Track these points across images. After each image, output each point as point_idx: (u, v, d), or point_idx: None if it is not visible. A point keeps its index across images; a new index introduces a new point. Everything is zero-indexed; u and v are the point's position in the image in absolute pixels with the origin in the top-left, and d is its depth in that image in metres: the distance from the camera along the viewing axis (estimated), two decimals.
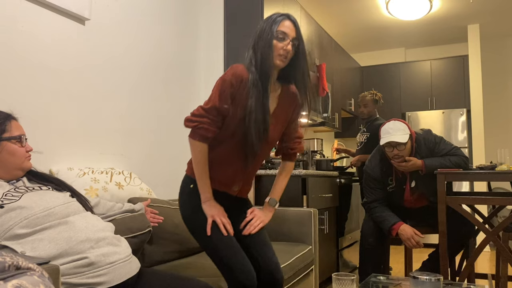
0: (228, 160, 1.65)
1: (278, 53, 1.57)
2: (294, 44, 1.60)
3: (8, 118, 1.45)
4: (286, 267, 2.03)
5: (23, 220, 1.27)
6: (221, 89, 1.57)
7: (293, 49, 1.59)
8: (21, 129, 1.47)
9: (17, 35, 1.89)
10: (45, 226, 1.28)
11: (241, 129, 1.59)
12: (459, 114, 5.37)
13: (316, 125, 4.46)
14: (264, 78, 1.58)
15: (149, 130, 2.70)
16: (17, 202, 1.31)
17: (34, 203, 1.32)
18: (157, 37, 2.80)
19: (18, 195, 1.35)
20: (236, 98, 1.58)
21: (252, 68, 1.58)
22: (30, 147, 1.47)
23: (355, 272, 3.79)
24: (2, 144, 1.39)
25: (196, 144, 1.59)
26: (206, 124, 1.57)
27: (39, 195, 1.37)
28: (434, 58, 5.80)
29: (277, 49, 1.57)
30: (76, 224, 1.32)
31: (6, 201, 1.30)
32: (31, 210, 1.30)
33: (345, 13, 4.99)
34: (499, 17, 5.14)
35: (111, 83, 2.41)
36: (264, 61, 1.56)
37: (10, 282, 0.72)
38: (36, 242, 1.25)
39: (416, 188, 2.69)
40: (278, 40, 1.57)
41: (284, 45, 1.57)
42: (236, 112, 1.58)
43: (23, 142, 1.44)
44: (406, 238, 2.54)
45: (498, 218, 4.64)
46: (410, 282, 1.52)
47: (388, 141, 2.54)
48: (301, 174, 2.81)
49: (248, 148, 1.61)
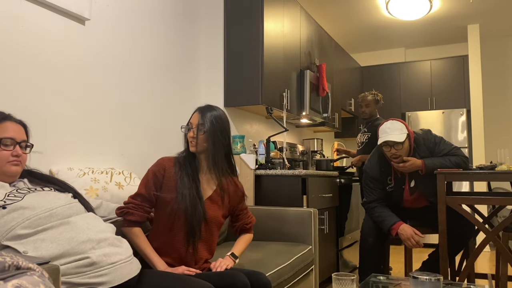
0: (172, 246, 1.68)
1: (190, 142, 1.74)
2: (200, 129, 1.72)
3: (4, 119, 1.42)
4: (286, 267, 2.03)
5: (25, 221, 1.26)
6: (146, 179, 1.72)
7: (199, 135, 1.72)
8: (13, 132, 1.41)
9: (17, 35, 1.89)
10: (47, 227, 1.28)
11: (178, 213, 1.66)
12: (459, 114, 5.37)
13: (316, 125, 4.46)
14: (191, 161, 1.75)
15: (149, 130, 2.70)
16: (19, 202, 1.30)
17: (36, 203, 1.32)
18: (157, 37, 2.80)
19: (20, 196, 1.34)
20: (164, 185, 1.70)
21: (182, 154, 1.78)
22: (18, 151, 1.40)
23: (355, 272, 3.79)
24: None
25: (127, 230, 1.66)
26: (131, 208, 1.67)
27: (41, 196, 1.36)
28: (434, 58, 5.80)
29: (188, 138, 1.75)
30: (78, 224, 1.32)
31: (8, 202, 1.30)
32: (33, 210, 1.29)
33: (345, 13, 4.99)
34: (499, 17, 5.14)
35: (111, 83, 2.41)
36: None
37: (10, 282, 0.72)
38: (38, 242, 1.24)
39: (415, 188, 2.69)
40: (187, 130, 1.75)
41: (190, 134, 1.73)
42: (169, 196, 1.68)
43: (7, 145, 1.38)
44: (406, 237, 2.54)
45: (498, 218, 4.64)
46: (410, 282, 1.52)
47: (385, 140, 2.55)
48: (301, 174, 2.81)
49: (188, 230, 1.67)
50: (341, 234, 3.51)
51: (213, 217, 1.74)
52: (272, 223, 2.55)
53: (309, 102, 3.86)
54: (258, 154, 3.21)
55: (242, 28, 3.27)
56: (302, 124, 4.46)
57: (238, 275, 1.51)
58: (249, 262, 1.95)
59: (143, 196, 1.69)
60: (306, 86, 3.84)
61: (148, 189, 1.70)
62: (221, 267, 1.66)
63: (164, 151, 2.82)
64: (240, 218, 1.90)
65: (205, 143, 1.71)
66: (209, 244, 1.75)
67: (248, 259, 2.01)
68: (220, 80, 3.30)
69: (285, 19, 3.60)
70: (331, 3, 4.71)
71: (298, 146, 4.29)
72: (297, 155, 4.16)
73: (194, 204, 1.66)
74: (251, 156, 2.94)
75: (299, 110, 3.87)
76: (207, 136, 1.71)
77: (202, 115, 1.73)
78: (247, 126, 3.63)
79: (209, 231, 1.74)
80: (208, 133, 1.70)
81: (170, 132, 2.89)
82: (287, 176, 2.85)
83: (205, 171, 1.77)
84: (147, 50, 2.71)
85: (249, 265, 1.91)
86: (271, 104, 3.28)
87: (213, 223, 1.75)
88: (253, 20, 3.25)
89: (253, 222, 1.93)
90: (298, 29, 3.87)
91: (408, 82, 5.80)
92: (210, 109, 1.75)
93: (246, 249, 2.04)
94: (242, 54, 3.26)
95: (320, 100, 4.12)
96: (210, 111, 1.74)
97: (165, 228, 1.68)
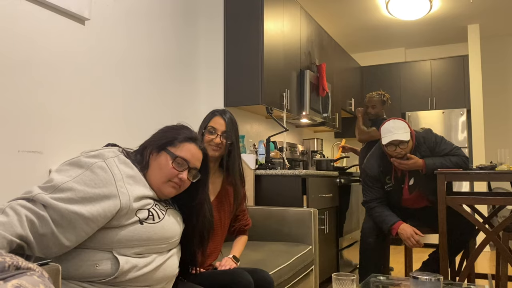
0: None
1: (209, 144, 1.72)
2: (227, 137, 1.73)
3: (190, 140, 1.34)
4: (286, 267, 2.03)
5: (141, 247, 1.18)
6: None
7: (224, 142, 1.73)
8: (191, 156, 1.32)
9: (17, 35, 1.89)
10: (153, 258, 1.21)
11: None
12: (459, 114, 5.37)
13: (316, 125, 4.45)
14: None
15: (149, 130, 2.69)
16: (157, 225, 1.21)
17: (167, 232, 1.24)
18: (157, 37, 2.80)
19: (163, 212, 1.25)
20: None
21: None
22: (184, 176, 1.29)
23: (355, 272, 3.79)
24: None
25: None
26: None
27: (175, 221, 1.29)
28: (434, 58, 5.80)
29: (206, 141, 1.73)
30: (168, 265, 1.26)
31: (149, 220, 1.20)
32: (159, 239, 1.21)
33: (345, 13, 4.99)
34: (499, 17, 5.13)
35: (111, 83, 2.41)
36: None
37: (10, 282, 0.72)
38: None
39: (415, 186, 2.69)
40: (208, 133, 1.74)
41: (213, 138, 1.73)
42: None
43: (178, 164, 1.29)
44: (405, 237, 2.54)
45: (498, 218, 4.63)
46: (410, 282, 1.52)
47: (390, 140, 2.53)
48: (301, 174, 2.81)
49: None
50: (341, 234, 3.51)
51: (218, 220, 1.75)
52: (272, 223, 2.55)
53: (309, 102, 3.86)
54: (258, 154, 3.21)
55: (242, 28, 3.27)
56: (302, 124, 4.46)
57: (241, 273, 1.52)
58: (250, 262, 1.95)
59: None
60: (306, 86, 3.84)
61: None
62: (226, 266, 1.67)
63: None
64: (239, 219, 1.90)
65: (224, 150, 1.74)
66: (215, 247, 1.76)
67: (248, 259, 2.01)
68: (220, 80, 3.30)
69: (285, 19, 3.60)
70: (331, 3, 4.71)
71: (298, 146, 4.29)
72: (297, 155, 4.16)
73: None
74: (251, 156, 2.94)
75: (299, 110, 3.87)
76: (230, 145, 1.74)
77: (227, 122, 1.75)
78: (247, 126, 3.63)
79: (214, 234, 1.74)
80: (234, 144, 1.75)
81: None
82: (287, 176, 2.85)
83: (211, 173, 1.77)
84: (147, 50, 2.71)
85: (249, 265, 1.91)
86: (271, 104, 3.28)
87: (218, 226, 1.75)
88: (253, 20, 3.24)
89: (250, 225, 1.93)
90: (298, 29, 3.86)
91: (408, 82, 5.80)
92: (230, 116, 1.78)
93: (246, 249, 2.04)
94: (242, 54, 3.26)
95: (320, 100, 4.12)
96: (231, 118, 1.77)
97: None
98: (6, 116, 1.83)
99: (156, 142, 1.33)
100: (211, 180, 1.77)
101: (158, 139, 1.34)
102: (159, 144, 1.32)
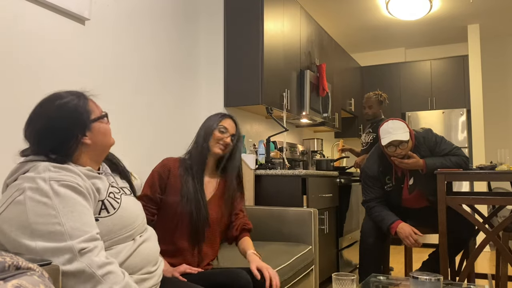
0: (177, 249, 1.67)
1: (217, 142, 1.74)
2: (238, 140, 1.79)
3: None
4: (286, 267, 2.03)
5: (106, 241, 1.16)
6: (151, 180, 1.73)
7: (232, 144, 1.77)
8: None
9: (17, 35, 1.89)
10: (120, 249, 1.19)
11: (182, 216, 1.66)
12: (459, 114, 5.37)
13: (316, 125, 4.45)
14: (199, 163, 1.74)
15: (149, 130, 2.70)
16: (116, 212, 1.19)
17: (127, 219, 1.21)
18: (157, 37, 2.80)
19: (118, 198, 1.24)
20: (169, 186, 1.72)
21: (187, 155, 1.79)
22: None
23: (355, 272, 3.79)
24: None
25: None
26: None
27: (132, 203, 1.28)
28: (434, 58, 5.80)
29: (216, 139, 1.75)
30: (141, 250, 1.26)
31: (109, 207, 1.18)
32: (119, 230, 1.19)
33: (345, 13, 4.99)
34: (499, 17, 5.14)
35: (111, 83, 2.41)
36: (202, 147, 1.76)
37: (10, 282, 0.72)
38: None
39: (414, 186, 2.69)
40: (219, 132, 1.76)
41: (224, 137, 1.75)
42: (174, 199, 1.68)
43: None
44: (404, 236, 2.54)
45: (498, 218, 4.64)
46: (410, 282, 1.52)
47: (390, 140, 2.53)
48: (301, 174, 2.81)
49: (193, 233, 1.67)
50: (341, 234, 3.51)
51: (215, 218, 1.75)
52: (272, 223, 2.55)
53: (309, 102, 3.86)
54: (258, 154, 3.21)
55: (242, 28, 3.27)
56: (302, 124, 4.46)
57: (240, 273, 1.52)
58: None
59: (148, 197, 1.70)
60: (306, 86, 3.84)
61: (153, 190, 1.71)
62: (264, 267, 1.60)
63: (166, 152, 2.82)
64: (240, 217, 1.90)
65: (228, 152, 1.78)
66: (212, 245, 1.76)
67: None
68: (220, 80, 3.30)
69: (285, 19, 3.60)
70: (331, 3, 4.71)
71: (298, 146, 4.29)
72: (297, 155, 4.16)
73: (199, 208, 1.67)
74: (251, 156, 2.94)
75: (299, 110, 3.87)
76: (236, 147, 1.79)
77: (237, 127, 1.81)
78: (247, 126, 3.63)
79: (212, 232, 1.74)
80: (239, 146, 1.81)
81: (170, 133, 2.89)
82: (287, 176, 2.85)
83: (209, 172, 1.80)
84: (147, 50, 2.71)
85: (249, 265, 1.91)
86: (271, 104, 3.28)
87: (216, 224, 1.75)
88: (253, 20, 3.25)
89: (251, 227, 1.92)
90: (298, 29, 3.86)
91: (408, 82, 5.80)
92: (237, 121, 1.84)
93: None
94: (242, 54, 3.26)
95: (320, 100, 4.12)
96: (238, 123, 1.83)
97: (169, 231, 1.68)
98: (6, 116, 1.83)
99: None
100: (208, 178, 1.79)
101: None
102: None
